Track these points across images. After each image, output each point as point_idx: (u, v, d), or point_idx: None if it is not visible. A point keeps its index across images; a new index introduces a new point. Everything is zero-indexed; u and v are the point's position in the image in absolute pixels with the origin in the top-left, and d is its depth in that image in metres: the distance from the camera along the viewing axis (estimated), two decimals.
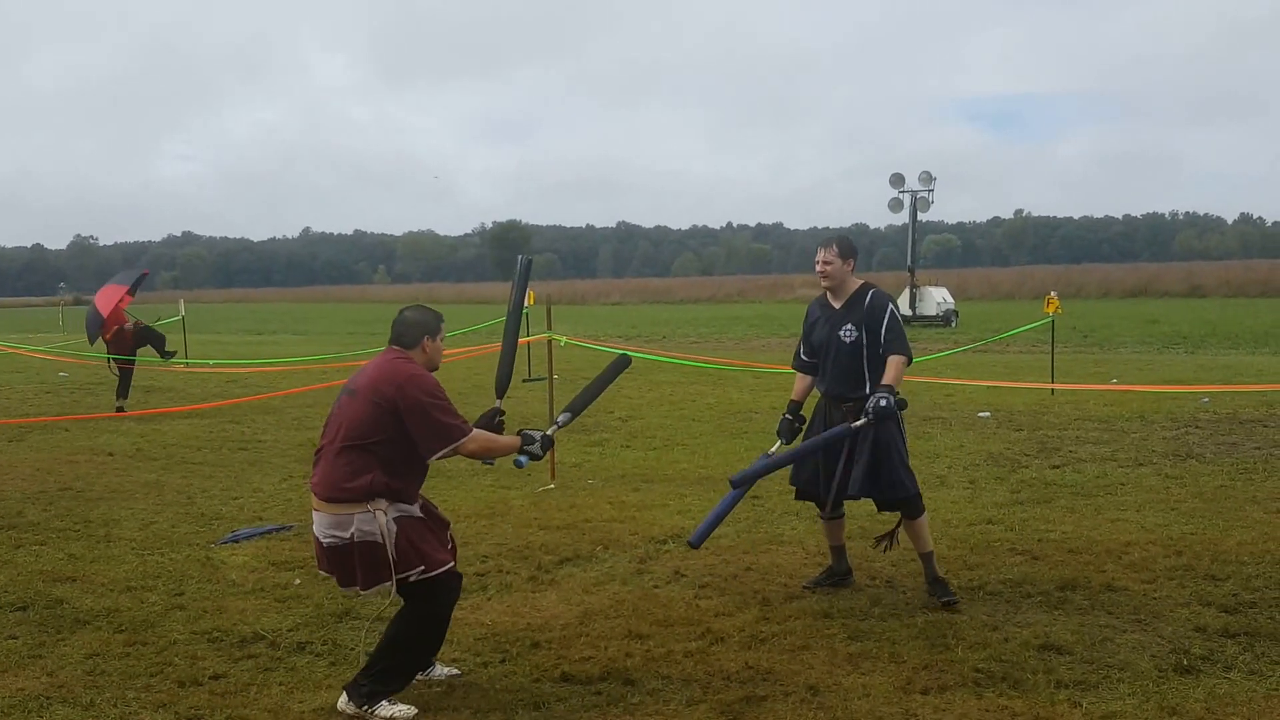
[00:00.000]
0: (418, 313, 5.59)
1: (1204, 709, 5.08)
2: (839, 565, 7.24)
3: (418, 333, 5.48)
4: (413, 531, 5.28)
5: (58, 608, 6.99)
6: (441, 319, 5.58)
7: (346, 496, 5.19)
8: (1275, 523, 8.57)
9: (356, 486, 5.17)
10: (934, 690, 5.38)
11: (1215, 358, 25.36)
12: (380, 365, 5.41)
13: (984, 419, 14.95)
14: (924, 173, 48.34)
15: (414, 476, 5.38)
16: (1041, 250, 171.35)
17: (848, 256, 6.86)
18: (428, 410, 5.23)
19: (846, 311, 6.84)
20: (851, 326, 6.76)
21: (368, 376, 5.38)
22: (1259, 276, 68.91)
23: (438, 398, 5.28)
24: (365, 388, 5.32)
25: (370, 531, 5.17)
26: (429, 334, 5.50)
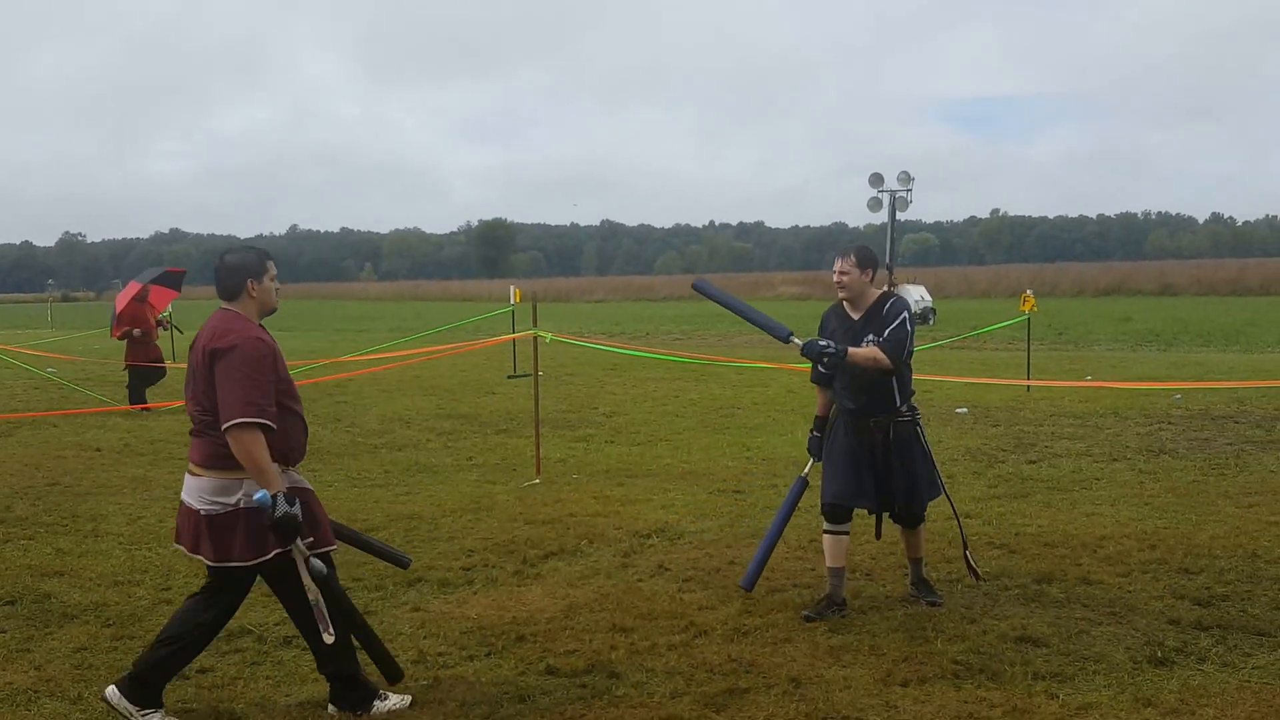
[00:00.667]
0: (236, 255, 5.15)
1: (1178, 700, 5.17)
2: (838, 592, 6.65)
3: (239, 278, 5.07)
4: (311, 500, 5.09)
5: (46, 602, 7.01)
6: (266, 256, 5.18)
7: (232, 464, 4.85)
8: (1247, 517, 8.70)
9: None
10: (914, 682, 5.46)
11: (1187, 355, 25.57)
12: (210, 324, 5.04)
13: (961, 415, 15.08)
14: (903, 173, 48.44)
15: (292, 438, 5.08)
16: (1017, 249, 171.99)
17: (866, 266, 6.59)
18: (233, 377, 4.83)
19: (866, 323, 6.56)
20: (873, 338, 6.49)
21: (202, 339, 5.01)
22: (1229, 275, 69.39)
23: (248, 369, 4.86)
24: (200, 351, 4.98)
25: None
26: (251, 276, 5.09)
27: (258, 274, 5.12)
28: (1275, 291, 61.96)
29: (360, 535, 5.69)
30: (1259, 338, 30.39)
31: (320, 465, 11.99)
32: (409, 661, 5.85)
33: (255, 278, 5.11)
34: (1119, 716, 5.02)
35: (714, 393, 18.41)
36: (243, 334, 4.94)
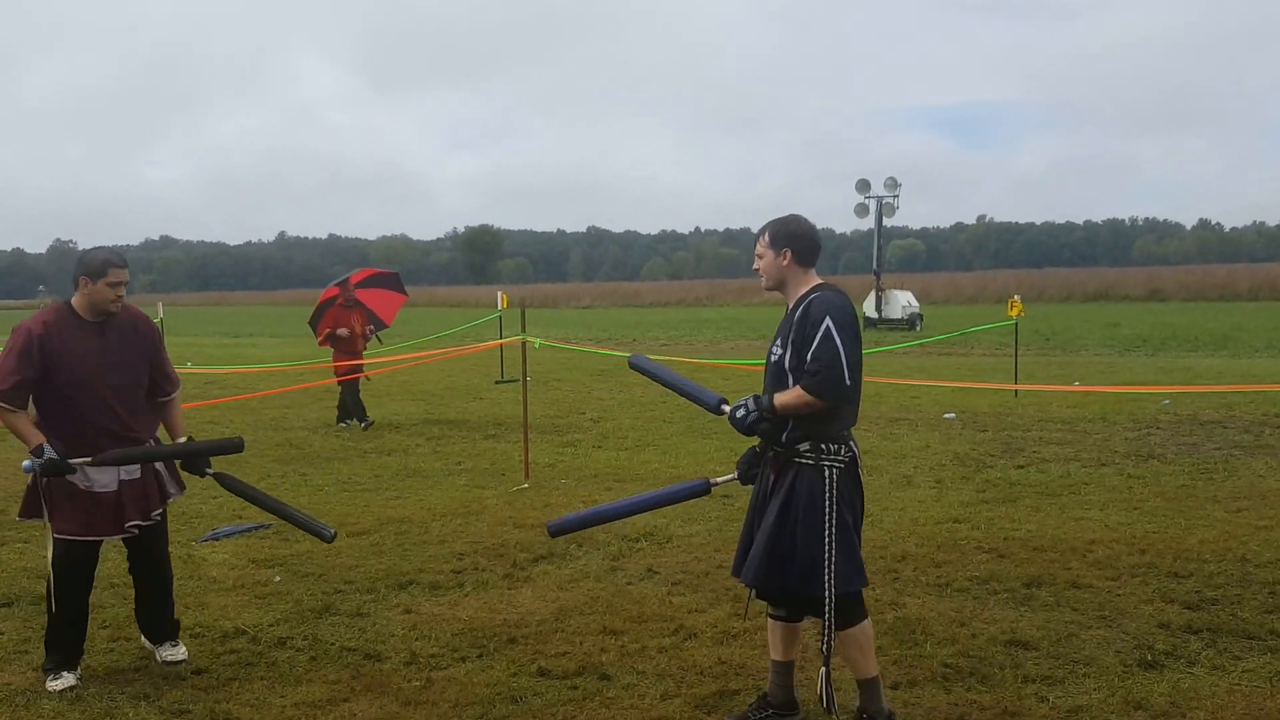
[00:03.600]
0: (86, 254, 5.67)
1: (1168, 703, 5.18)
2: (776, 692, 5.16)
3: (75, 273, 5.60)
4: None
5: (42, 604, 6.93)
6: (105, 262, 5.55)
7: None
8: (1236, 521, 8.72)
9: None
10: (903, 685, 5.47)
11: (1175, 360, 25.65)
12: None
13: (949, 420, 15.10)
14: (889, 179, 48.69)
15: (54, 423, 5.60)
16: (1004, 255, 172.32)
17: (781, 246, 4.98)
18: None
19: (785, 321, 5.02)
20: (779, 342, 4.97)
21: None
22: (1217, 280, 69.66)
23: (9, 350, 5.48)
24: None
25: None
26: (87, 275, 5.54)
27: (95, 275, 5.54)
28: (1263, 297, 62.25)
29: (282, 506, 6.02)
30: (1247, 343, 30.50)
31: (311, 469, 11.97)
32: (401, 663, 5.88)
33: (92, 278, 5.54)
34: (1109, 719, 5.02)
35: None
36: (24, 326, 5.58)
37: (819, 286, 4.93)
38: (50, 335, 5.49)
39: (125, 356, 5.67)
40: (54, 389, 5.53)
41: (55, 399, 5.56)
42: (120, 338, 5.67)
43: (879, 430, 14.22)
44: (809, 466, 4.80)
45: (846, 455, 4.84)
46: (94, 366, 5.55)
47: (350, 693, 5.49)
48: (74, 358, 5.51)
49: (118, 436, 5.59)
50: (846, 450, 4.84)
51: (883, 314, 46.03)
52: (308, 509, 9.65)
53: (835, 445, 4.80)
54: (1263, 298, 62.22)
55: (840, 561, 4.77)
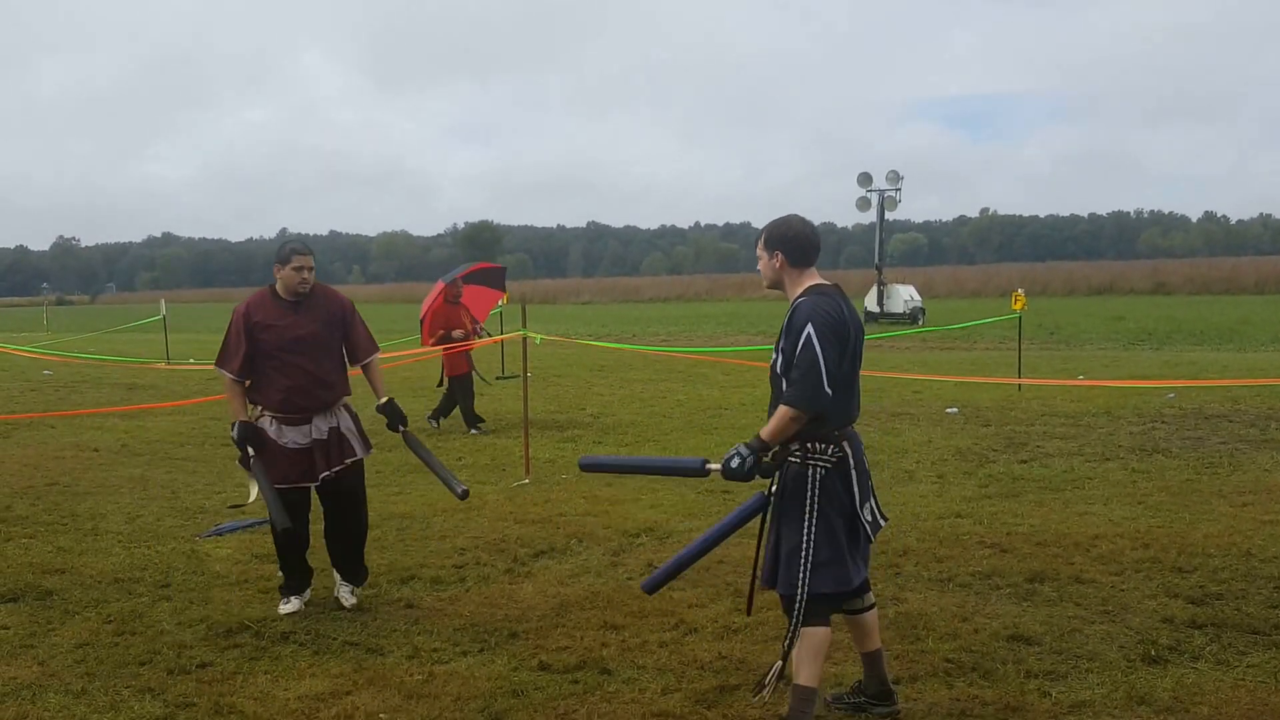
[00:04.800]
0: (281, 245, 6.78)
1: (1172, 698, 5.15)
2: (869, 682, 5.20)
3: (274, 261, 6.78)
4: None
5: (48, 599, 7.06)
6: (290, 250, 6.66)
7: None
8: (1241, 516, 8.68)
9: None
10: (905, 680, 5.44)
11: (1180, 354, 25.59)
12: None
13: (952, 415, 15.06)
14: (891, 172, 48.59)
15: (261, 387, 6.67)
16: (1007, 248, 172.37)
17: (774, 248, 4.99)
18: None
19: (783, 326, 4.96)
20: (776, 348, 4.97)
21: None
22: (1223, 274, 69.51)
23: (228, 327, 6.70)
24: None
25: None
26: (279, 262, 6.70)
27: (282, 262, 6.69)
28: (1269, 290, 62.10)
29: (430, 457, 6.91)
30: (1253, 336, 30.43)
31: None
32: (403, 657, 5.89)
33: (281, 264, 6.69)
34: (1112, 715, 5.00)
35: (702, 393, 18.38)
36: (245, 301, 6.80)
37: (810, 289, 4.92)
38: (252, 313, 6.63)
39: (317, 328, 6.69)
40: (260, 357, 6.61)
41: (262, 365, 6.62)
42: (311, 313, 6.71)
43: (881, 425, 14.19)
44: (796, 465, 4.85)
45: (835, 455, 4.83)
46: (289, 337, 6.60)
47: (353, 686, 5.50)
48: (273, 330, 6.60)
49: (312, 396, 6.66)
50: (836, 450, 4.83)
51: (884, 308, 46.03)
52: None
53: (823, 445, 4.81)
54: (1269, 291, 62.06)
55: (819, 560, 4.78)
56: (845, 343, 4.80)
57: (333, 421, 6.76)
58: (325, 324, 6.75)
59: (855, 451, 4.93)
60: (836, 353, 4.72)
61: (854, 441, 4.95)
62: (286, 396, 6.60)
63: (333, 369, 6.79)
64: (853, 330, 4.89)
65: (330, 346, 6.79)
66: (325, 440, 6.71)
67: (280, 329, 6.61)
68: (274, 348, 6.59)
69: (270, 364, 6.61)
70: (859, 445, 4.98)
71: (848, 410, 4.91)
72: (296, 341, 6.61)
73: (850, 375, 4.89)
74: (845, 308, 4.90)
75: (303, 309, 6.70)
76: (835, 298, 4.90)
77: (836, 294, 4.94)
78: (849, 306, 4.95)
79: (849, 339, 4.84)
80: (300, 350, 6.61)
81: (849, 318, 4.88)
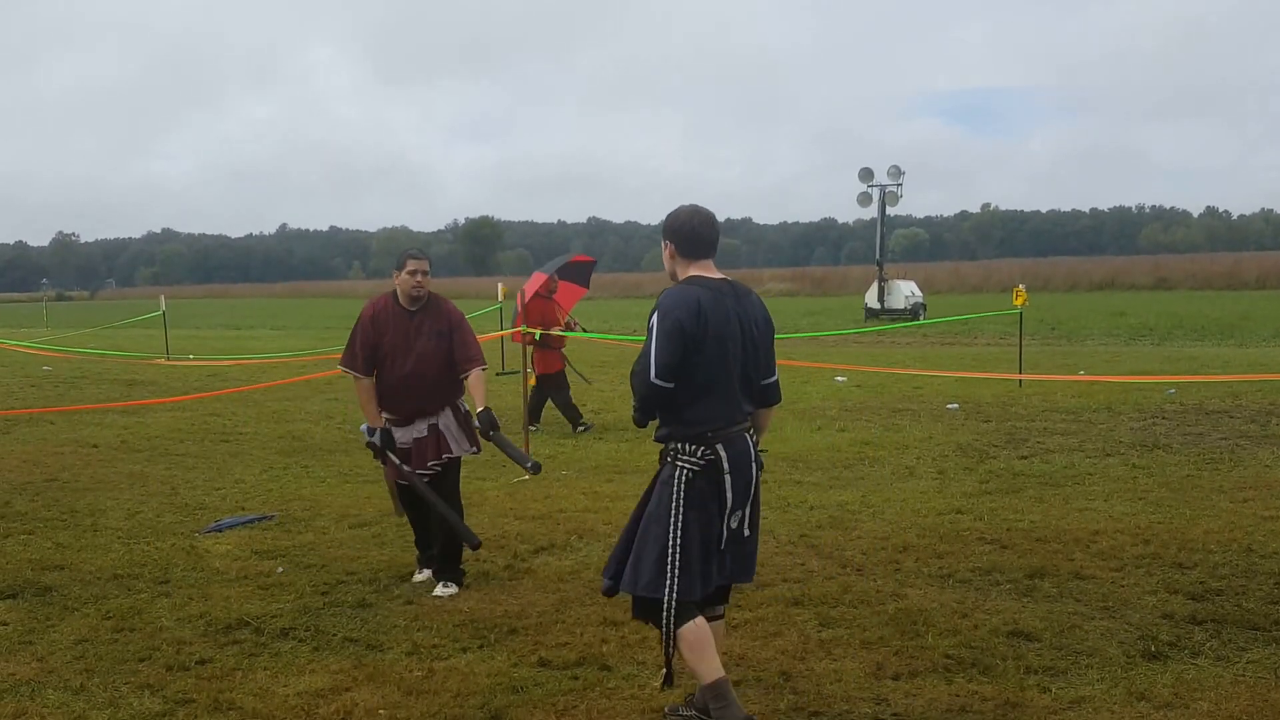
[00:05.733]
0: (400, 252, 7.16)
1: (1172, 694, 5.15)
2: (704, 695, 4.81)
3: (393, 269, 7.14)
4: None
5: (47, 595, 7.06)
6: (405, 255, 7.05)
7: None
8: (1241, 512, 8.68)
9: None
10: (905, 676, 5.45)
11: (1181, 349, 25.57)
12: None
13: (953, 410, 15.06)
14: (893, 167, 48.56)
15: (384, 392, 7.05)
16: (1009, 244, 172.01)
17: (665, 238, 4.94)
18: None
19: None
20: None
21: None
22: (1224, 269, 69.38)
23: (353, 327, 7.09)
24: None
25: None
26: (396, 268, 7.06)
27: (398, 267, 7.05)
28: (1270, 285, 61.97)
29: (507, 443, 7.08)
30: (1254, 332, 30.39)
31: (313, 461, 11.96)
32: (404, 653, 5.90)
33: (397, 270, 7.06)
34: (1112, 710, 5.00)
35: None
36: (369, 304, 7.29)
37: (687, 280, 4.77)
38: (376, 316, 7.04)
39: (429, 336, 6.99)
40: (377, 359, 7.00)
41: (380, 367, 7.00)
42: (423, 320, 7.02)
43: (881, 421, 14.19)
44: (667, 465, 4.75)
45: (705, 458, 4.64)
46: (404, 343, 6.97)
47: (352, 682, 5.50)
48: (388, 334, 6.99)
49: (419, 401, 7.01)
50: (706, 453, 4.65)
51: (885, 304, 45.97)
52: (309, 500, 9.69)
53: (692, 446, 4.66)
54: (1270, 286, 61.93)
55: (684, 565, 4.62)
56: (693, 337, 4.58)
57: (434, 419, 7.08)
58: (436, 333, 7.03)
59: (734, 456, 4.69)
60: (677, 344, 4.56)
61: (734, 446, 4.71)
62: (396, 398, 7.00)
63: (441, 376, 7.04)
64: (734, 327, 4.69)
65: (440, 354, 7.02)
66: (423, 438, 7.05)
67: (396, 333, 6.99)
68: (389, 351, 6.98)
69: (384, 366, 7.00)
70: (742, 451, 4.73)
71: (720, 411, 4.68)
72: (410, 347, 6.97)
73: (720, 373, 4.66)
74: (721, 302, 4.68)
75: (418, 316, 7.04)
76: (710, 290, 4.69)
77: (721, 287, 4.73)
78: (735, 302, 4.74)
79: (703, 333, 4.59)
80: (412, 356, 6.96)
81: (716, 312, 4.64)
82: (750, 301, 4.82)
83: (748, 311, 4.77)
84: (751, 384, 4.81)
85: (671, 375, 4.57)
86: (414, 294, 6.99)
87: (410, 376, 6.96)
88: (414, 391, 6.99)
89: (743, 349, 4.73)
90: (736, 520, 4.74)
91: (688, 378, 4.62)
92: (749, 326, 4.75)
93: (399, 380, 6.98)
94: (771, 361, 4.91)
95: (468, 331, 7.18)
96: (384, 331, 7.00)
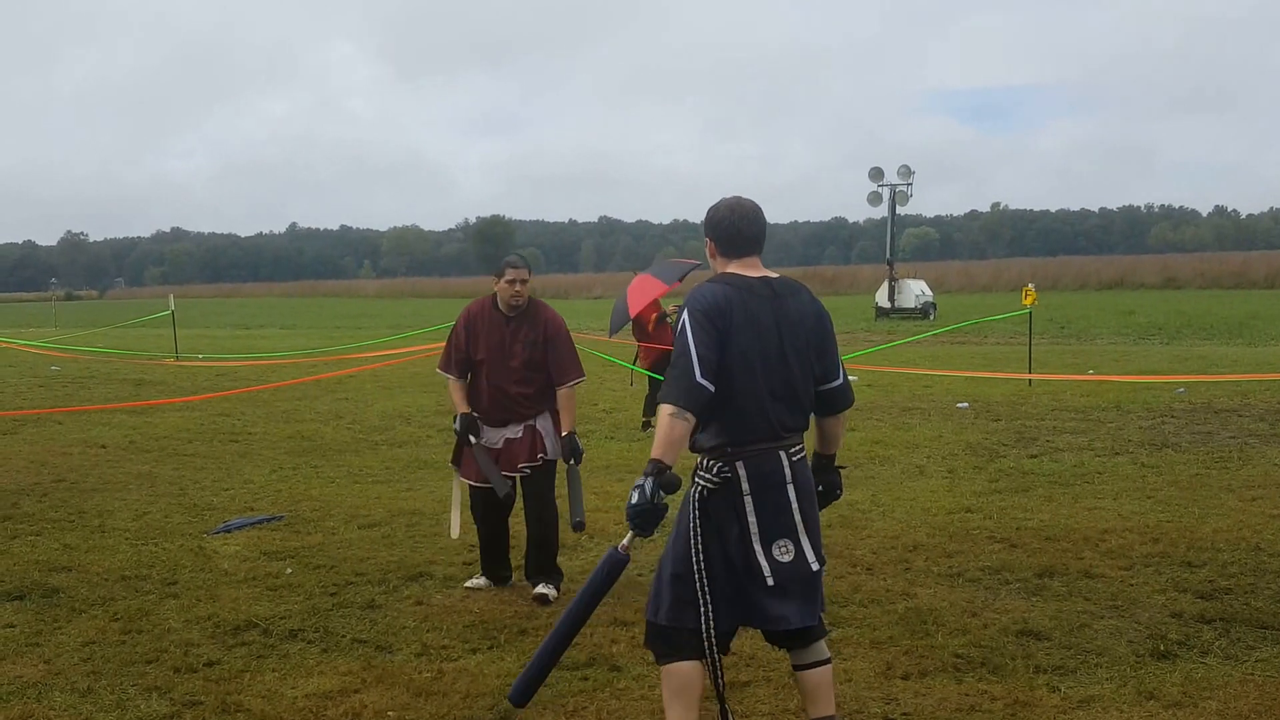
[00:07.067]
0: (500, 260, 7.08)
1: (1181, 693, 5.15)
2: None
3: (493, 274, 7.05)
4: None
5: (54, 597, 7.05)
6: (505, 263, 6.92)
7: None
8: (1250, 510, 8.67)
9: None
10: (914, 675, 5.45)
11: (1190, 348, 25.55)
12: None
13: (962, 409, 15.06)
14: (903, 166, 48.71)
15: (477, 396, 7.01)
16: (1019, 243, 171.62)
17: (706, 234, 4.53)
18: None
19: None
20: None
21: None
22: (1233, 268, 69.38)
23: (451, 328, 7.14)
24: None
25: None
26: (496, 274, 6.95)
27: (498, 275, 6.93)
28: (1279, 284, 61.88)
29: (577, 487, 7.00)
30: (1262, 330, 30.37)
31: (322, 461, 11.99)
32: (413, 655, 5.90)
33: (497, 277, 6.93)
34: (1121, 710, 5.00)
35: None
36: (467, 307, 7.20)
37: (715, 278, 4.33)
38: (472, 320, 6.99)
39: (525, 345, 6.89)
40: (472, 362, 6.96)
41: (475, 368, 6.97)
42: (520, 328, 6.91)
43: (891, 420, 14.20)
44: (690, 486, 4.32)
45: (721, 474, 4.21)
46: (499, 350, 6.89)
47: (361, 684, 5.50)
48: (484, 339, 6.93)
49: (511, 407, 6.93)
50: (723, 469, 4.21)
51: (896, 303, 46.00)
52: (319, 501, 9.70)
53: (710, 462, 4.24)
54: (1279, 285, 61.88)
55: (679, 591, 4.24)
56: (724, 333, 4.12)
57: (530, 421, 6.98)
58: (532, 342, 6.91)
59: (755, 477, 4.20)
60: (712, 335, 4.09)
61: (756, 465, 4.22)
62: (488, 405, 6.94)
63: (535, 385, 6.95)
64: (768, 331, 4.22)
65: (535, 363, 6.92)
66: (516, 439, 6.96)
67: (491, 340, 6.91)
68: (484, 356, 6.92)
69: (478, 372, 6.97)
70: (770, 472, 4.23)
71: (742, 424, 4.21)
72: (505, 355, 6.89)
73: (744, 382, 4.17)
74: (753, 302, 4.23)
75: (515, 323, 6.93)
76: (741, 289, 4.25)
77: (757, 286, 4.28)
78: (775, 303, 4.27)
79: (725, 334, 4.13)
80: (506, 364, 6.89)
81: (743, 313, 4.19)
82: (798, 301, 4.33)
83: (792, 312, 4.28)
84: (800, 392, 4.28)
85: (712, 374, 4.07)
86: (513, 303, 6.88)
87: (503, 385, 6.89)
88: (506, 399, 6.91)
89: (783, 355, 4.22)
90: (782, 551, 4.21)
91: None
92: (793, 328, 4.26)
93: (492, 388, 6.92)
94: (833, 362, 4.39)
95: (565, 343, 7.00)
96: (478, 336, 6.94)
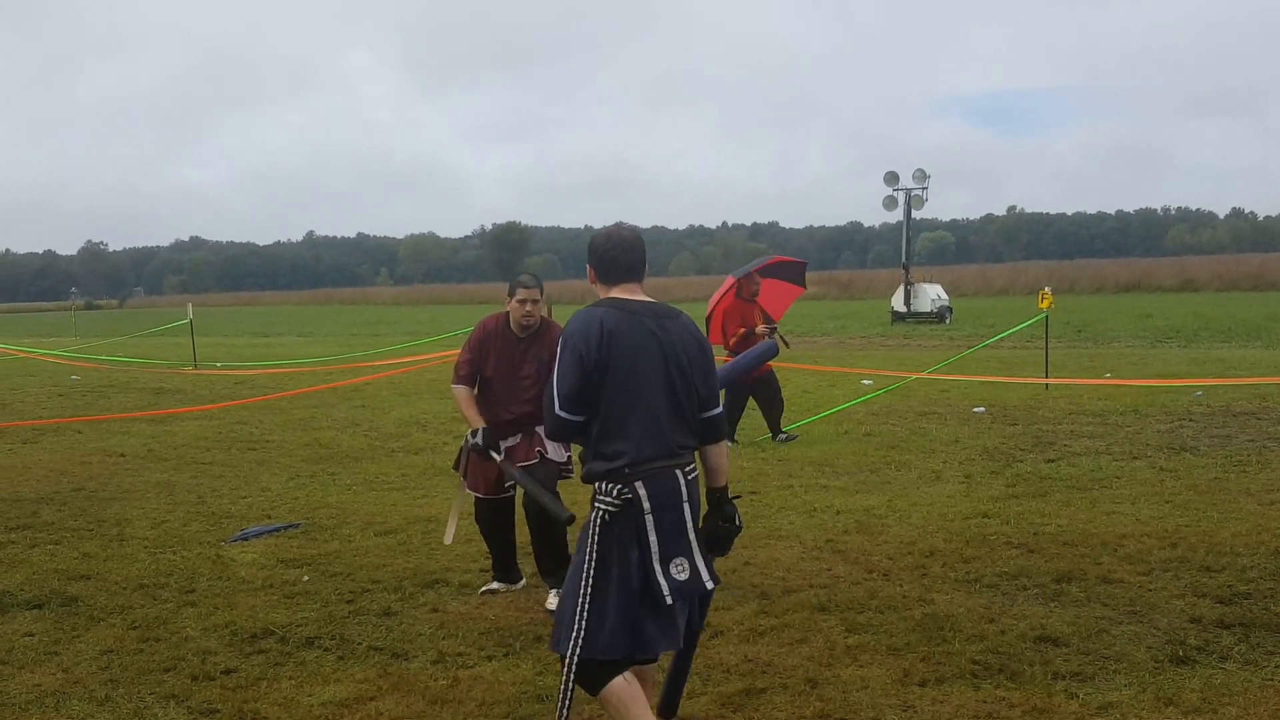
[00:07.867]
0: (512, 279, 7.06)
1: (1200, 699, 5.12)
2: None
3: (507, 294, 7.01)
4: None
5: (73, 605, 7.06)
6: (516, 283, 6.89)
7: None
8: (1269, 514, 8.62)
9: None
10: (931, 682, 5.43)
11: (1208, 351, 25.43)
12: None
13: (979, 414, 15.01)
14: (918, 170, 48.59)
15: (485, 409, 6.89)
16: (1035, 246, 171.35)
17: (587, 261, 4.55)
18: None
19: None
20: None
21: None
22: (1251, 270, 69.09)
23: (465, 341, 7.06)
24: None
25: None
26: (509, 294, 6.91)
27: (510, 294, 6.92)
28: None
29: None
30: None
31: (339, 469, 12.00)
32: (429, 662, 5.90)
33: (509, 296, 6.92)
34: (1140, 716, 4.97)
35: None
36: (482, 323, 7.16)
37: (596, 303, 4.35)
38: (488, 335, 6.98)
39: (535, 367, 6.85)
40: (482, 377, 6.98)
41: (483, 384, 6.99)
42: (530, 348, 6.92)
43: (907, 424, 14.16)
44: (590, 514, 4.26)
45: (623, 496, 4.16)
46: (509, 370, 6.91)
47: (378, 692, 5.50)
48: (495, 356, 6.94)
49: (513, 421, 6.89)
50: (624, 491, 4.16)
51: (911, 307, 45.91)
52: (336, 508, 9.72)
53: (608, 485, 4.19)
54: None
55: (591, 622, 4.15)
56: (596, 363, 4.16)
57: (531, 428, 6.90)
58: (540, 361, 6.85)
59: (656, 495, 4.20)
60: (574, 372, 4.17)
61: (656, 483, 4.21)
62: (494, 419, 6.86)
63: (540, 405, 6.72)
64: (653, 352, 4.25)
65: (542, 384, 6.67)
66: (515, 444, 6.92)
67: (501, 358, 6.93)
68: (493, 374, 6.94)
69: (486, 388, 6.98)
70: (668, 489, 4.23)
71: (638, 443, 4.19)
72: (515, 374, 6.90)
73: (636, 402, 4.20)
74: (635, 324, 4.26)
75: (525, 343, 6.93)
76: (622, 312, 4.28)
77: (639, 309, 4.31)
78: (656, 326, 4.29)
79: (607, 358, 4.17)
80: (514, 383, 6.90)
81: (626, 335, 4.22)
82: (677, 325, 4.35)
83: (675, 335, 4.31)
84: (688, 414, 4.32)
85: (576, 407, 4.19)
86: (524, 323, 6.87)
87: (511, 404, 6.88)
88: (512, 417, 6.89)
89: (669, 376, 4.25)
90: (678, 568, 4.23)
91: (598, 408, 4.21)
92: (677, 352, 4.29)
93: (499, 405, 6.89)
94: (710, 392, 4.40)
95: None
96: (489, 354, 6.94)
